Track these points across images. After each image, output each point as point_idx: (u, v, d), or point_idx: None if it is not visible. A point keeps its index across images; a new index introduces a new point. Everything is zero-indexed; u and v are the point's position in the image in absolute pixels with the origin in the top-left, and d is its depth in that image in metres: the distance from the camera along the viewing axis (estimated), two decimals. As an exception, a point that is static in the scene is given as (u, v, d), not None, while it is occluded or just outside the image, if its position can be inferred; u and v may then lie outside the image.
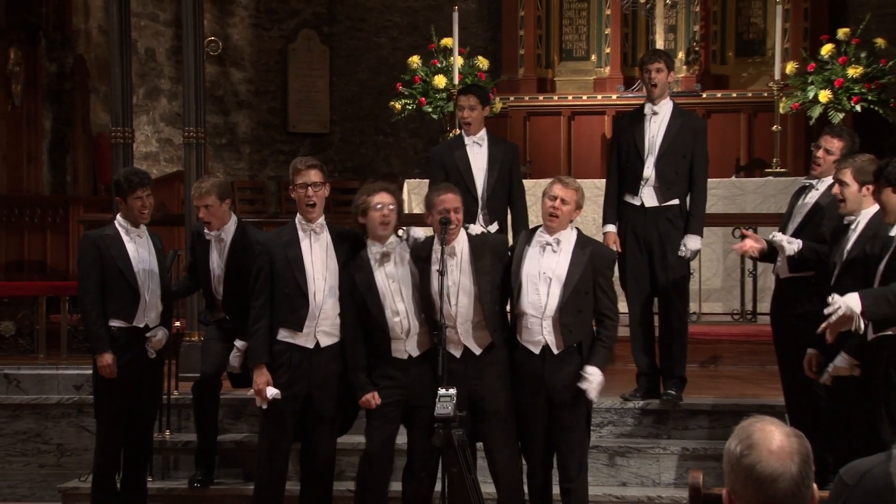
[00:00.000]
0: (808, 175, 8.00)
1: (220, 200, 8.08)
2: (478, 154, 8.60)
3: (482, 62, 14.70)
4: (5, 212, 12.59)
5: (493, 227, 8.52)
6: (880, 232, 6.71)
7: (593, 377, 6.93)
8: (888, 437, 6.08)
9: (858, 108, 13.75)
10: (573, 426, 7.04)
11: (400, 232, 7.31)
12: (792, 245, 7.49)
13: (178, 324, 8.78)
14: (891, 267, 6.48)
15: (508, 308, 7.29)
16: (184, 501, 8.49)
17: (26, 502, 9.24)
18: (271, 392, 7.22)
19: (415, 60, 14.65)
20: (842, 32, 14.12)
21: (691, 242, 8.46)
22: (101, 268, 7.87)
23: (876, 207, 6.84)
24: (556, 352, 7.00)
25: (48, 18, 13.13)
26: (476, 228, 7.91)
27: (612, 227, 8.54)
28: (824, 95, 13.81)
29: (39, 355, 9.99)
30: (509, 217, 8.87)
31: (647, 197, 8.46)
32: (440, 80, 14.11)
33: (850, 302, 6.24)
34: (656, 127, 8.49)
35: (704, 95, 15.20)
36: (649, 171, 8.43)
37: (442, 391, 6.59)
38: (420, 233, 7.39)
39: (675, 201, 8.47)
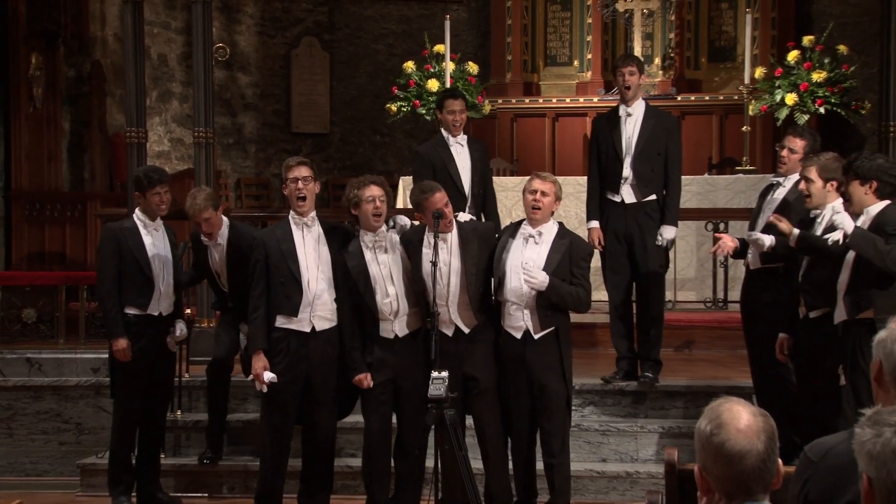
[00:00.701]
0: (775, 173, 8.01)
1: (216, 210, 8.04)
2: (461, 154, 8.59)
3: (472, 67, 14.68)
4: (27, 206, 12.59)
5: (475, 221, 8.52)
6: (846, 222, 6.75)
7: (543, 275, 6.92)
8: (852, 416, 6.10)
9: (822, 110, 13.77)
10: (554, 406, 7.05)
11: (389, 221, 7.31)
12: (767, 242, 7.50)
13: (188, 311, 8.77)
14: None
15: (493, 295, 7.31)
16: (194, 476, 8.50)
17: (47, 477, 9.24)
18: (268, 376, 7.22)
19: (409, 65, 14.63)
20: (807, 40, 14.13)
21: (667, 232, 8.47)
22: (119, 258, 7.88)
23: (839, 201, 6.87)
24: (535, 337, 7.02)
25: (67, 27, 13.10)
26: (465, 216, 7.93)
27: (595, 224, 8.53)
28: (790, 98, 13.82)
29: (59, 340, 9.99)
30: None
31: (627, 194, 8.46)
32: (433, 84, 14.11)
33: (846, 220, 6.42)
34: (631, 128, 8.48)
35: (679, 98, 15.21)
36: (628, 171, 8.43)
37: (435, 374, 6.61)
38: (405, 220, 7.43)
39: (653, 197, 8.47)
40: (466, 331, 7.13)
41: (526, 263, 6.98)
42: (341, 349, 7.31)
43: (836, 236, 6.59)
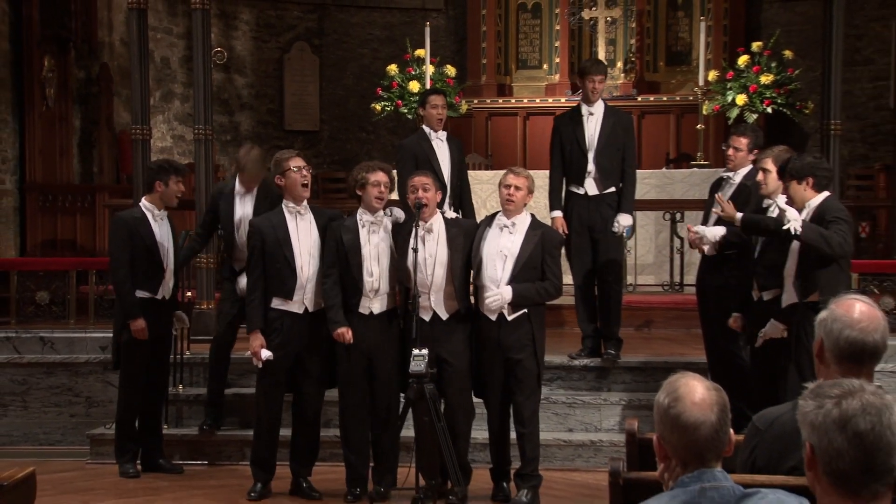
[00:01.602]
0: (725, 169, 8.04)
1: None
2: (441, 148, 8.56)
3: (450, 70, 14.70)
4: (41, 198, 12.54)
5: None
6: (792, 215, 6.80)
7: (504, 290, 6.94)
8: (797, 388, 6.12)
9: (769, 109, 13.86)
10: (526, 381, 7.05)
11: (386, 210, 7.31)
12: (709, 234, 7.58)
13: (189, 293, 8.74)
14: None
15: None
16: (194, 445, 8.48)
17: (59, 446, 9.22)
18: (265, 354, 7.25)
19: (392, 68, 14.64)
20: (756, 45, 14.21)
21: (623, 220, 8.47)
22: (131, 245, 7.86)
23: (791, 192, 6.93)
24: (509, 318, 7.02)
25: (77, 32, 13.03)
26: (451, 214, 7.93)
27: (558, 213, 8.52)
28: (741, 99, 13.90)
29: (70, 321, 9.95)
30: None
31: (590, 187, 8.46)
32: (414, 86, 14.12)
33: (794, 216, 6.48)
34: (593, 126, 8.47)
35: (639, 99, 15.24)
36: (592, 165, 8.43)
37: (415, 351, 6.62)
38: (400, 213, 7.40)
39: (613, 189, 8.47)
40: (445, 317, 7.11)
41: (488, 297, 6.98)
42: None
43: (795, 224, 6.58)
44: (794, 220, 6.49)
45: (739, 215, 7.05)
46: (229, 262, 8.43)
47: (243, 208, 8.29)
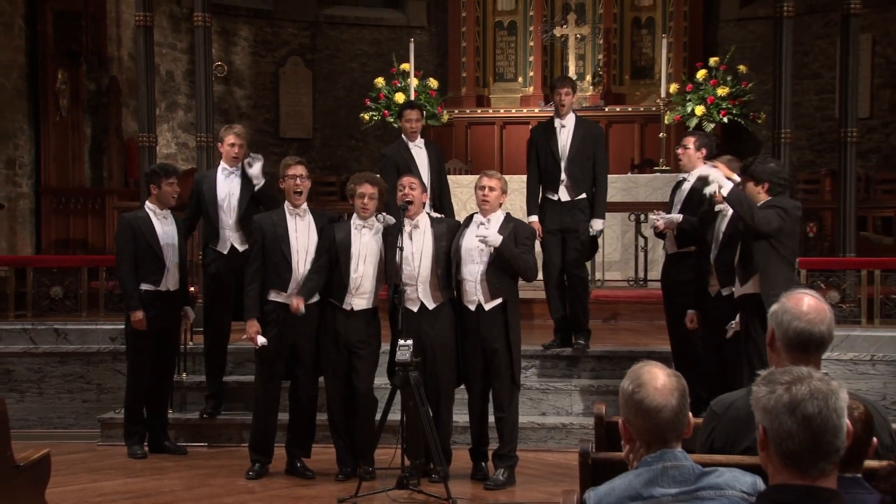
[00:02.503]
0: (679, 170, 8.12)
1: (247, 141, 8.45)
2: (420, 155, 8.59)
3: (433, 83, 14.70)
4: (55, 200, 12.52)
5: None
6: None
7: (495, 235, 6.95)
8: (748, 376, 6.14)
9: (726, 119, 13.91)
10: (503, 368, 7.06)
11: (378, 216, 7.31)
12: (675, 218, 7.67)
13: (192, 289, 8.71)
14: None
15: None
16: (197, 429, 8.48)
17: (72, 430, 9.18)
18: (261, 340, 7.26)
19: (380, 81, 14.63)
20: (713, 60, 14.26)
21: (597, 224, 8.52)
22: (134, 243, 7.88)
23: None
24: (486, 308, 7.03)
25: (88, 47, 12.99)
26: (434, 214, 7.96)
27: (534, 218, 8.54)
28: (699, 110, 13.94)
29: (82, 314, 9.90)
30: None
31: (563, 194, 8.48)
32: (400, 97, 14.11)
33: (721, 180, 6.60)
34: (565, 137, 8.50)
35: (606, 110, 15.26)
36: (564, 174, 8.45)
37: (401, 341, 6.63)
38: (391, 218, 7.41)
39: (584, 195, 8.49)
40: (431, 307, 7.12)
41: (479, 229, 7.00)
42: (320, 318, 7.31)
43: (713, 189, 6.67)
44: (722, 185, 6.57)
45: (679, 217, 7.38)
46: (212, 251, 8.37)
47: (228, 186, 8.28)
